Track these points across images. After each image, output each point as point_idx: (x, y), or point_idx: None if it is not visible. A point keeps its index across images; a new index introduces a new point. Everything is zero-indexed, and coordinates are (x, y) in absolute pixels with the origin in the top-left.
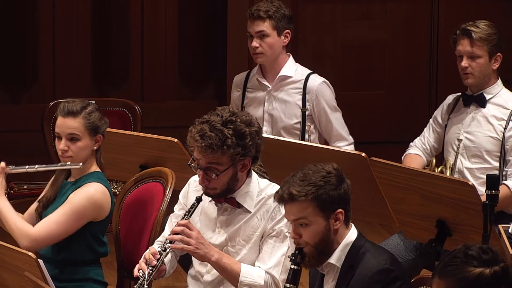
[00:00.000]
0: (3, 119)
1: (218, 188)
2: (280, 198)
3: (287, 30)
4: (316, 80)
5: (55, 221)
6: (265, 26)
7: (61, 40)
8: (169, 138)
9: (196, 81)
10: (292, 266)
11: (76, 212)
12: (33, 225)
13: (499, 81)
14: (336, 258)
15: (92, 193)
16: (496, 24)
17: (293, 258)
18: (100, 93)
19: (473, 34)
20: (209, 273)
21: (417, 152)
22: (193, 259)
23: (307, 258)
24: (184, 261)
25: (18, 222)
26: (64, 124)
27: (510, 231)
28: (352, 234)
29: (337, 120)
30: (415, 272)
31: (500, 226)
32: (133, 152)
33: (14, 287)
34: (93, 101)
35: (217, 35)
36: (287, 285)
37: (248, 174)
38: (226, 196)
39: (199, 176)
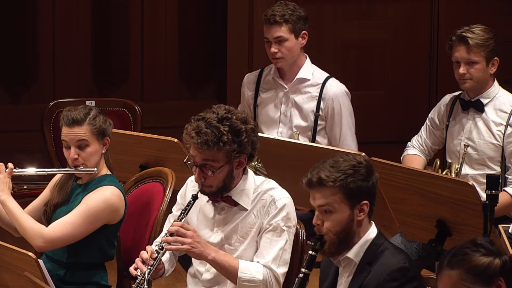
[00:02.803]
0: (3, 119)
1: (214, 186)
2: (308, 181)
3: (304, 31)
4: (334, 86)
5: (70, 222)
6: (283, 31)
7: (61, 40)
8: (169, 138)
9: (196, 81)
10: (310, 252)
11: (92, 214)
12: None
13: (496, 84)
14: (355, 253)
15: (108, 196)
16: (496, 24)
17: (312, 244)
18: (100, 93)
19: (470, 41)
20: (208, 272)
21: (416, 153)
22: (193, 258)
23: (327, 245)
24: (184, 261)
25: (31, 222)
26: (71, 133)
27: (510, 231)
28: (373, 231)
29: (347, 132)
30: None
31: (500, 226)
32: (133, 152)
33: (14, 287)
34: (93, 102)
35: (217, 35)
36: (303, 269)
37: (244, 172)
38: (222, 195)
39: (194, 173)
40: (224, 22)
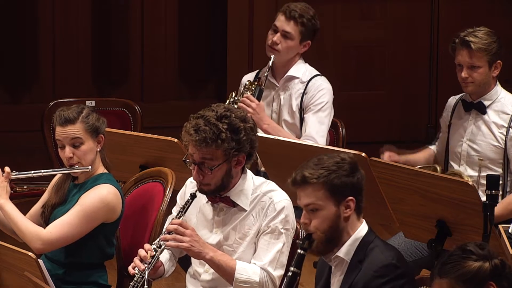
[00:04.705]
0: (3, 119)
1: (212, 184)
2: (293, 180)
3: (308, 41)
4: (318, 81)
5: (67, 222)
6: (294, 30)
7: (61, 40)
8: (169, 138)
9: (196, 81)
10: (299, 251)
11: (89, 213)
12: None
13: (498, 85)
14: (345, 252)
15: (104, 195)
16: (496, 24)
17: (300, 243)
18: (100, 93)
19: (472, 45)
20: (207, 272)
21: (431, 147)
22: (192, 258)
23: (315, 244)
24: (184, 261)
25: (29, 225)
26: (65, 132)
27: (510, 231)
28: (362, 228)
29: (314, 124)
30: (415, 272)
31: (500, 226)
32: (133, 152)
33: (14, 287)
34: (93, 102)
35: (217, 35)
36: (291, 268)
37: (243, 171)
38: (220, 194)
39: (193, 171)
40: (224, 22)
